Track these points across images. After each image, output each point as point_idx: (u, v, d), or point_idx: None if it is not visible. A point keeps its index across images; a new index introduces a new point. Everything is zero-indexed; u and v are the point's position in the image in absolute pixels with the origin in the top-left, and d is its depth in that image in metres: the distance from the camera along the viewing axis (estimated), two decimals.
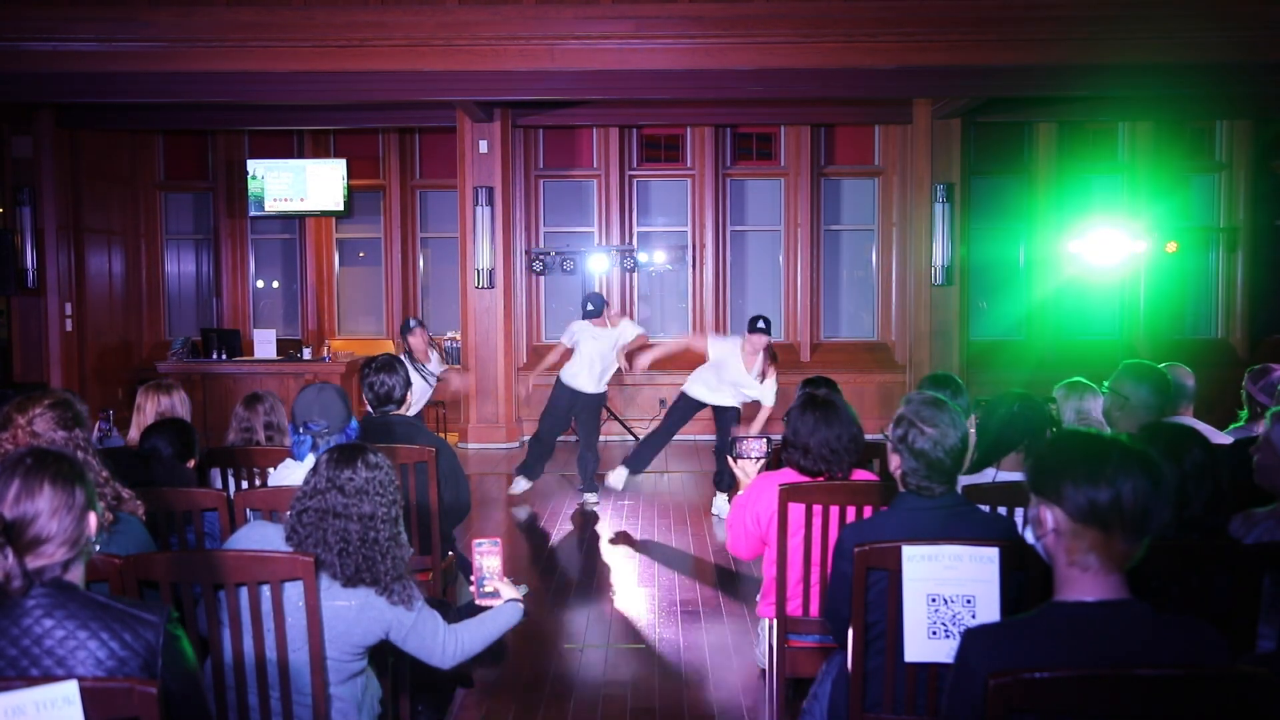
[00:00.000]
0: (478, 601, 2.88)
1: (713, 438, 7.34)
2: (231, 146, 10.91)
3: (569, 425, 7.51)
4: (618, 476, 7.11)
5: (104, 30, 7.48)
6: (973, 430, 3.34)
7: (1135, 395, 3.87)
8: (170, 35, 7.48)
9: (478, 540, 2.87)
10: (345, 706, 2.59)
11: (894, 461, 2.62)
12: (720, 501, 7.03)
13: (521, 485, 7.43)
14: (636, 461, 7.11)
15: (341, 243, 11.14)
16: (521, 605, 2.89)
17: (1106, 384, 3.99)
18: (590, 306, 7.32)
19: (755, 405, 6.74)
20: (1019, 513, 3.10)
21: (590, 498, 7.30)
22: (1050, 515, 1.80)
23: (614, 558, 6.09)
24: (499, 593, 2.85)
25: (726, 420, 6.87)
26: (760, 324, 6.55)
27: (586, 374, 7.20)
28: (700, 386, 6.87)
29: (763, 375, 6.60)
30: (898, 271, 10.35)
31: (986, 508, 2.83)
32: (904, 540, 2.46)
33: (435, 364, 7.31)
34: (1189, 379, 4.21)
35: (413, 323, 7.31)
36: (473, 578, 2.88)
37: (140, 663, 1.82)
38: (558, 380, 7.31)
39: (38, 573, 1.83)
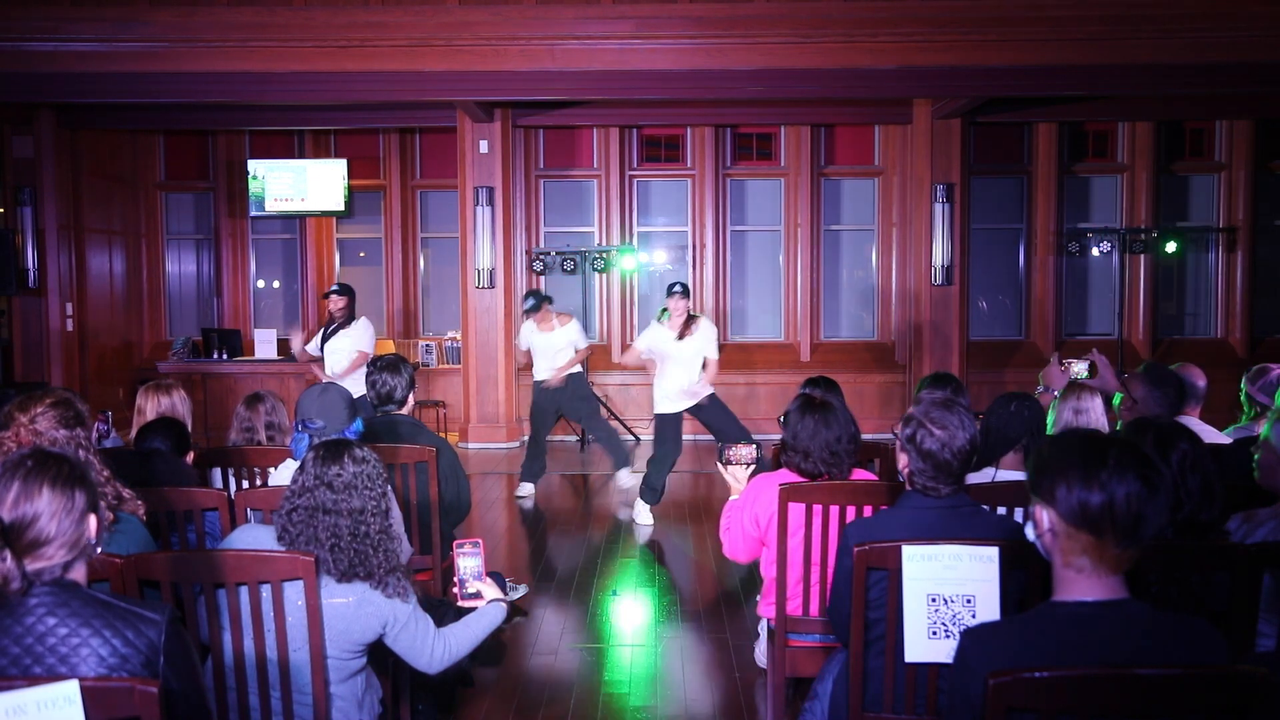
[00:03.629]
0: (460, 603, 2.86)
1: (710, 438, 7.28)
2: (232, 146, 10.90)
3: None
4: (641, 511, 6.83)
5: (105, 30, 7.48)
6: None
7: (1145, 400, 3.89)
8: (171, 35, 7.49)
9: (458, 541, 2.85)
10: (346, 705, 2.59)
11: (902, 460, 2.61)
12: (641, 509, 6.80)
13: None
14: (650, 492, 6.82)
15: (342, 243, 11.14)
16: (505, 606, 2.87)
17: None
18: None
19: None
20: (1018, 512, 3.10)
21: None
22: (1046, 516, 1.80)
23: (614, 557, 6.09)
24: (481, 594, 2.83)
25: (717, 417, 6.69)
26: (677, 288, 6.57)
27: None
28: (665, 401, 6.67)
29: (681, 335, 6.54)
30: (898, 271, 10.34)
31: (988, 507, 2.83)
32: (907, 539, 2.45)
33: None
34: (1200, 380, 4.21)
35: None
36: (454, 579, 2.85)
37: (142, 660, 1.82)
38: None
39: (37, 574, 1.83)
